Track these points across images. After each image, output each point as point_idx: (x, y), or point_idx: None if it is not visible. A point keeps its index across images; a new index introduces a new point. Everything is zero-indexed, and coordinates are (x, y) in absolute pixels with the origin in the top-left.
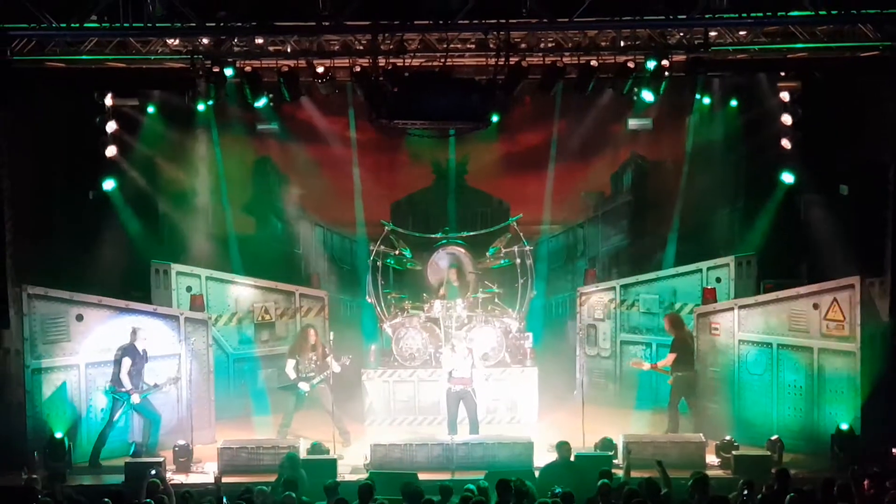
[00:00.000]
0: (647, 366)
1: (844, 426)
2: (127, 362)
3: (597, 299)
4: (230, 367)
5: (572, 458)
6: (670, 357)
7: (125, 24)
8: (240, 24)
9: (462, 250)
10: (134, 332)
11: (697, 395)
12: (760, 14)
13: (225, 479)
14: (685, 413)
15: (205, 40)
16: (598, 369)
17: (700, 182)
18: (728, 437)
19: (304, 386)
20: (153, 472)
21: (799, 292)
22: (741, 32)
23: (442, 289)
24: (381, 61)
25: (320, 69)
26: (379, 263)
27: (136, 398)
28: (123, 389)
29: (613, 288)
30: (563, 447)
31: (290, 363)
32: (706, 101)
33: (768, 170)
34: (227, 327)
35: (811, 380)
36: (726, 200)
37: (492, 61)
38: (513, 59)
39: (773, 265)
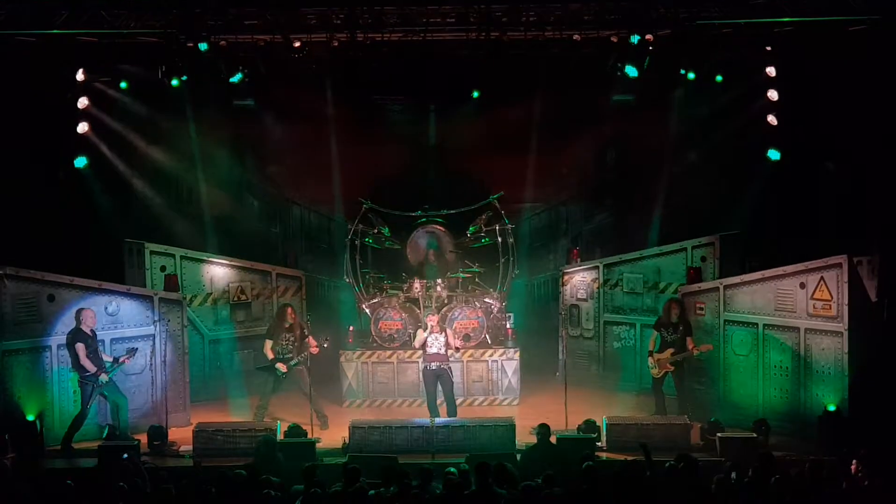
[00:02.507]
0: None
1: (832, 407)
2: (81, 347)
3: (580, 279)
4: (205, 349)
5: (553, 441)
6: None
7: None
8: None
9: (442, 229)
10: (77, 314)
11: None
12: None
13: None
14: (671, 395)
15: (178, 14)
16: (581, 350)
17: (685, 159)
18: (713, 419)
19: (281, 367)
20: (126, 455)
21: (785, 271)
22: (726, 6)
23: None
24: (360, 36)
25: (297, 44)
26: (357, 242)
27: (104, 377)
28: (90, 374)
29: (597, 267)
30: (542, 430)
31: (268, 343)
32: (691, 76)
33: (754, 146)
34: (202, 308)
35: (798, 360)
36: (711, 177)
37: (472, 36)
38: (494, 34)
39: (759, 243)
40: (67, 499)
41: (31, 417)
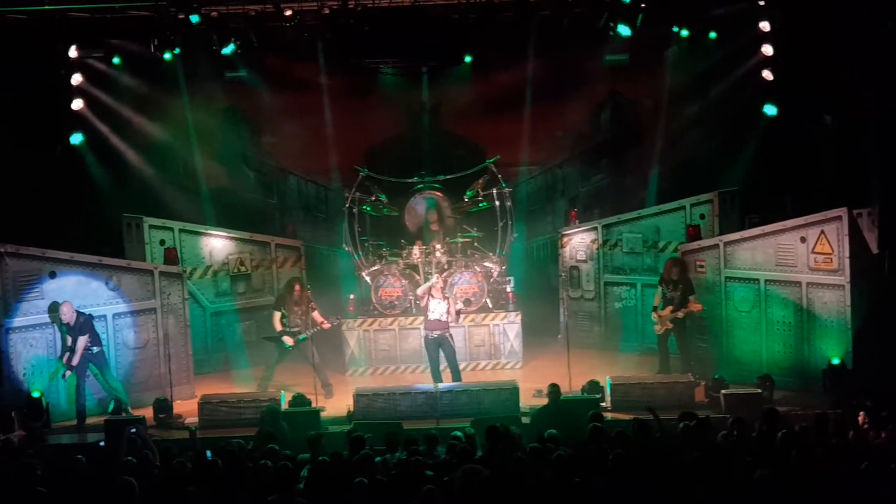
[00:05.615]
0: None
1: (835, 360)
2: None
3: (579, 240)
4: (207, 321)
5: None
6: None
7: None
8: None
9: (439, 194)
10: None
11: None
12: None
13: (206, 434)
14: (675, 353)
15: None
16: (582, 312)
17: (681, 117)
18: (717, 376)
19: (288, 340)
20: (132, 429)
21: (785, 226)
22: None
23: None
24: (351, 2)
25: (288, 12)
26: (355, 210)
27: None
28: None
29: (595, 228)
30: (553, 390)
31: (276, 315)
32: (684, 33)
33: (750, 102)
34: (202, 280)
35: (800, 315)
36: (708, 135)
37: None
38: None
39: (757, 199)
40: (76, 474)
41: (36, 394)
